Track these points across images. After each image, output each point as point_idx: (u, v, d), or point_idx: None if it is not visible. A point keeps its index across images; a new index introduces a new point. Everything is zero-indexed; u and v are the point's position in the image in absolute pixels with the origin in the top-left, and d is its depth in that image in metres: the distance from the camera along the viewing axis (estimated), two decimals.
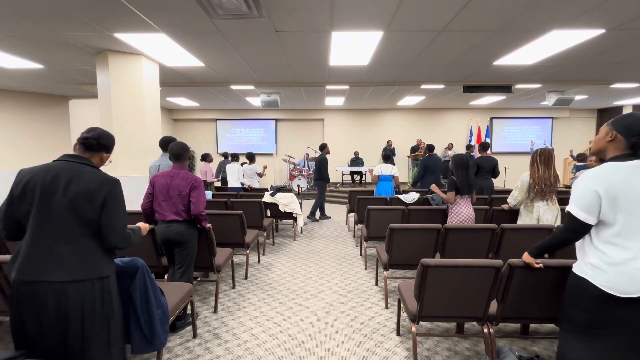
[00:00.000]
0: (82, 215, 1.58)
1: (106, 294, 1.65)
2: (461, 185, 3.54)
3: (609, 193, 1.54)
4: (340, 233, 6.21)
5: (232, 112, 12.15)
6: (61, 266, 1.53)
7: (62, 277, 1.53)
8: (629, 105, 10.82)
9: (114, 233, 1.63)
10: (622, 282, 1.52)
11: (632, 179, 1.54)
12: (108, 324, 1.67)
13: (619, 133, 1.62)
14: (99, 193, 1.60)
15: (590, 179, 1.59)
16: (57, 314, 1.54)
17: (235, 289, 3.69)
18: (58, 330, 1.55)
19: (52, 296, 1.52)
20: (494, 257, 3.25)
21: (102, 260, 1.65)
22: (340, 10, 3.40)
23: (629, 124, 1.61)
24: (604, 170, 1.59)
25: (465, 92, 7.17)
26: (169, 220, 2.78)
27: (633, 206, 1.52)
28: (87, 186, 1.58)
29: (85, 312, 1.58)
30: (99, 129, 1.76)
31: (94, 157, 1.73)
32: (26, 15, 3.45)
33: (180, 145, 2.90)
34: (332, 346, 2.61)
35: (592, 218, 1.58)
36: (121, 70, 4.69)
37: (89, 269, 1.59)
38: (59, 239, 1.55)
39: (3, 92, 7.49)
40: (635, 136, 1.58)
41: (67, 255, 1.55)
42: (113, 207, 1.63)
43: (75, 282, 1.55)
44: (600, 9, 3.35)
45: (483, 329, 2.30)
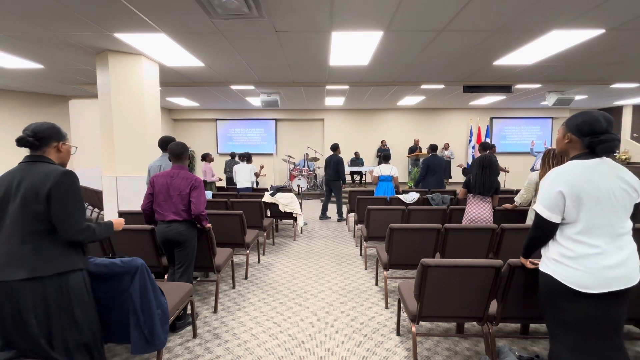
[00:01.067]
0: (33, 212, 1.58)
1: (63, 294, 1.61)
2: (473, 185, 3.56)
3: (572, 192, 1.55)
4: (340, 233, 6.21)
5: (232, 112, 12.15)
6: (19, 265, 1.55)
7: (19, 275, 1.54)
8: (629, 105, 10.82)
9: (65, 225, 1.60)
10: (583, 276, 1.54)
11: (592, 177, 1.55)
12: (66, 324, 1.62)
13: (572, 134, 1.65)
14: (44, 186, 1.59)
15: (554, 178, 1.62)
16: (13, 313, 1.56)
17: (235, 289, 3.69)
18: (19, 331, 1.57)
19: (8, 295, 1.55)
20: (494, 257, 3.25)
21: (61, 255, 1.62)
22: (340, 10, 3.40)
23: (579, 125, 1.63)
24: (564, 169, 1.62)
25: (465, 92, 7.17)
26: (169, 220, 2.78)
27: (595, 204, 1.53)
28: (32, 182, 1.59)
29: (37, 311, 1.57)
30: (32, 124, 1.72)
31: (47, 152, 1.71)
32: (26, 15, 3.45)
33: (180, 145, 2.90)
34: (332, 346, 2.61)
35: (555, 216, 1.61)
36: (121, 70, 4.69)
37: (49, 264, 1.58)
38: (15, 239, 1.57)
39: (3, 92, 7.48)
40: (587, 136, 1.60)
41: (24, 253, 1.56)
42: (60, 199, 1.60)
43: (30, 280, 1.55)
44: (600, 9, 3.35)
45: (483, 329, 2.30)
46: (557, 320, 1.66)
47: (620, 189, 1.55)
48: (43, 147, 1.70)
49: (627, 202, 1.57)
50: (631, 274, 1.55)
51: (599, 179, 1.55)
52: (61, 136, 1.76)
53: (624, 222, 1.57)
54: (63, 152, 1.76)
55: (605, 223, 1.54)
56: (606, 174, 1.56)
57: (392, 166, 5.86)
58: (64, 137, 1.77)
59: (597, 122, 1.58)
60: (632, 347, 2.58)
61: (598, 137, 1.57)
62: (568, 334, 1.62)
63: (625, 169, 1.62)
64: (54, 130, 1.74)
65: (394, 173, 5.79)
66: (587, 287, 1.53)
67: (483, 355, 2.35)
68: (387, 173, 5.78)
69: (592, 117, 1.60)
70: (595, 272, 1.52)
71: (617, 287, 1.52)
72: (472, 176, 3.59)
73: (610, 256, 1.53)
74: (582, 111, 1.68)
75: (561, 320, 1.64)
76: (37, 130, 1.69)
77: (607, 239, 1.54)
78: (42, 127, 1.70)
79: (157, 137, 5.17)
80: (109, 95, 4.69)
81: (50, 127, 1.73)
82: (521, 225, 3.33)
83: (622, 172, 1.59)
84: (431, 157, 6.13)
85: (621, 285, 1.53)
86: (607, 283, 1.52)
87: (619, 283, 1.53)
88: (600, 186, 1.54)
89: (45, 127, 1.71)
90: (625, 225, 1.57)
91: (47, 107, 8.12)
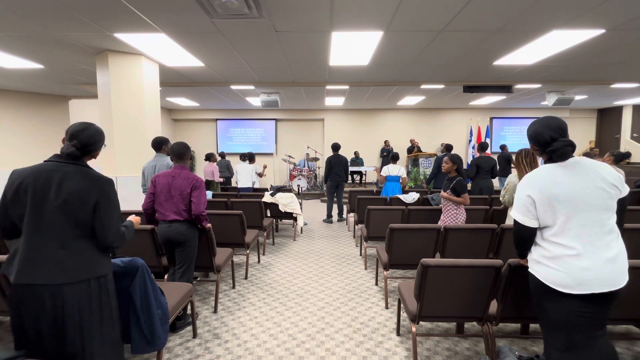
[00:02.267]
0: (75, 217, 1.56)
1: (104, 294, 1.65)
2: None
3: (542, 196, 1.57)
4: (340, 233, 6.21)
5: (232, 112, 12.15)
6: (58, 269, 1.54)
7: (60, 279, 1.53)
8: (629, 105, 10.82)
9: (108, 233, 1.62)
10: (561, 276, 1.54)
11: (561, 180, 1.55)
12: (106, 324, 1.67)
13: (532, 144, 1.69)
14: (91, 194, 1.57)
15: (525, 184, 1.64)
16: (55, 315, 1.54)
17: (235, 289, 3.69)
18: (57, 331, 1.56)
19: (49, 298, 1.53)
20: (494, 257, 3.25)
21: (99, 260, 1.65)
22: (340, 10, 3.40)
23: (530, 137, 1.68)
24: (534, 175, 1.63)
25: (465, 92, 7.17)
26: (170, 220, 2.78)
27: (567, 206, 1.54)
28: (79, 187, 1.56)
29: (82, 313, 1.58)
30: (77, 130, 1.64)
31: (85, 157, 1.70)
32: (26, 15, 3.45)
33: (182, 145, 2.90)
34: (332, 346, 2.61)
35: (530, 220, 1.62)
36: (121, 70, 4.69)
37: (86, 270, 1.59)
38: (54, 242, 1.55)
39: (3, 92, 7.48)
40: (538, 148, 1.65)
41: (64, 258, 1.55)
42: (106, 208, 1.62)
43: (72, 284, 1.55)
44: (600, 9, 3.35)
45: (483, 329, 2.30)
46: (545, 321, 1.67)
47: (595, 188, 1.52)
48: (84, 156, 1.68)
49: (605, 200, 1.53)
50: (613, 278, 1.50)
51: (568, 181, 1.54)
52: (101, 145, 1.74)
53: (605, 221, 1.54)
54: (96, 157, 1.77)
55: (581, 224, 1.52)
56: (577, 175, 1.54)
57: (399, 166, 5.83)
58: (101, 146, 1.75)
59: (540, 136, 1.62)
60: (633, 348, 2.58)
61: (548, 148, 1.59)
62: (556, 335, 1.62)
63: (604, 166, 1.58)
64: (100, 144, 1.72)
65: (402, 173, 5.77)
66: (566, 287, 1.52)
67: (483, 355, 2.35)
68: (395, 173, 5.76)
69: (535, 131, 1.64)
70: (572, 273, 1.51)
71: (597, 290, 1.49)
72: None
73: (586, 258, 1.50)
74: (532, 121, 1.71)
75: (548, 320, 1.65)
76: (88, 144, 1.65)
77: (586, 239, 1.51)
78: (91, 140, 1.66)
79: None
80: (109, 95, 4.69)
81: (98, 141, 1.69)
82: None
83: (598, 170, 1.56)
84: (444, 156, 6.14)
85: (602, 288, 1.49)
86: (585, 285, 1.49)
87: (599, 285, 1.49)
88: (571, 188, 1.53)
89: (94, 140, 1.67)
90: (607, 224, 1.54)
91: (47, 107, 8.12)
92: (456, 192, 3.57)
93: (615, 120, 11.36)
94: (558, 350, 1.61)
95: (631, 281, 1.77)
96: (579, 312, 1.54)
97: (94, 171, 1.66)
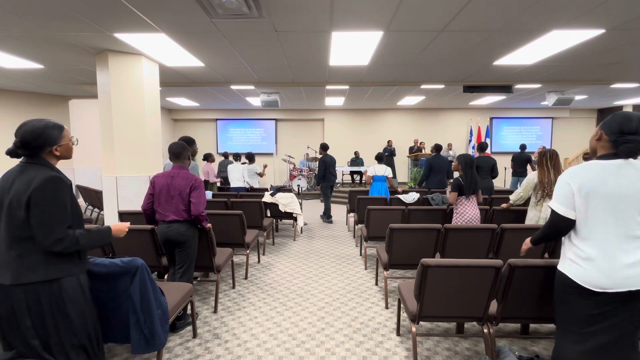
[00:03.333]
0: (16, 218, 1.55)
1: (56, 299, 1.58)
2: (467, 186, 3.53)
3: (582, 189, 1.55)
4: (340, 233, 6.21)
5: (232, 112, 12.15)
6: (6, 270, 1.54)
7: (6, 280, 1.53)
8: (629, 105, 10.81)
9: (41, 234, 1.52)
10: (597, 277, 1.54)
11: (608, 177, 1.54)
12: (63, 329, 1.61)
13: (604, 132, 1.63)
14: (25, 193, 1.53)
15: (567, 175, 1.63)
16: (8, 314, 1.56)
17: (235, 289, 3.69)
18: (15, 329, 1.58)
19: (3, 299, 1.56)
20: (494, 257, 3.25)
21: (49, 263, 1.57)
22: (340, 10, 3.40)
23: (610, 122, 1.61)
24: (579, 167, 1.62)
25: (465, 92, 7.17)
26: (170, 221, 2.78)
27: (607, 204, 1.53)
28: (18, 186, 1.55)
29: (32, 316, 1.56)
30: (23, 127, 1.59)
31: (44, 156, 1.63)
32: (26, 15, 3.44)
33: (179, 144, 2.90)
34: (332, 346, 2.61)
35: (570, 212, 1.60)
36: (121, 70, 4.69)
37: (31, 272, 1.54)
38: (6, 243, 1.56)
39: (3, 92, 7.49)
40: (615, 134, 1.58)
41: (10, 259, 1.55)
42: (37, 206, 1.53)
43: (19, 286, 1.54)
44: (600, 9, 3.35)
45: (483, 329, 2.30)
46: (568, 316, 1.66)
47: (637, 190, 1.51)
48: (37, 154, 1.61)
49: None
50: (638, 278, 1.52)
51: (615, 180, 1.52)
52: (53, 140, 1.62)
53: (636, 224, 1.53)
54: (60, 153, 1.67)
55: (617, 223, 1.52)
56: (627, 176, 1.52)
57: (386, 167, 5.90)
58: (56, 140, 1.63)
59: (627, 122, 1.54)
60: None
61: (623, 137, 1.54)
62: (576, 330, 1.62)
63: None
64: (44, 138, 1.60)
65: (388, 173, 5.83)
66: (602, 287, 1.53)
67: (483, 355, 2.35)
68: (382, 173, 5.81)
69: (624, 116, 1.57)
70: (608, 272, 1.52)
71: (636, 287, 1.50)
72: (461, 178, 3.55)
73: (623, 255, 1.51)
74: (620, 111, 1.66)
75: (571, 316, 1.64)
76: (26, 141, 1.58)
77: (622, 239, 1.52)
78: (32, 136, 1.58)
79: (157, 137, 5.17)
80: (109, 95, 4.69)
81: (38, 136, 1.59)
82: (521, 225, 3.33)
83: None
84: (435, 157, 6.14)
85: (633, 286, 1.51)
86: (622, 283, 1.51)
87: (631, 283, 1.51)
88: (615, 187, 1.51)
89: (35, 135, 1.58)
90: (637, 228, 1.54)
91: (47, 107, 8.12)
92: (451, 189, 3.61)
93: None
94: (573, 342, 1.62)
95: None
96: (610, 310, 1.55)
97: (44, 169, 1.59)
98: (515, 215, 4.00)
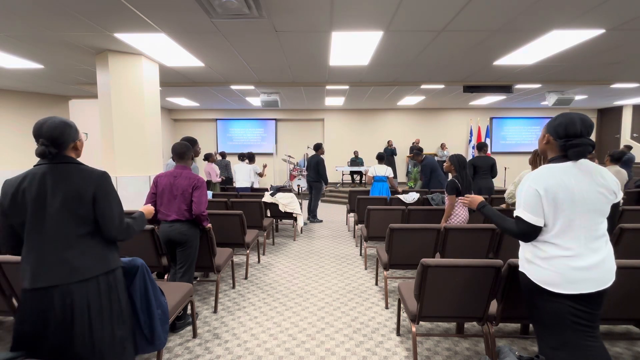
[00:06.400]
0: (76, 215, 1.56)
1: (113, 290, 1.65)
2: (463, 186, 3.50)
3: (548, 194, 1.55)
4: (340, 233, 6.22)
5: (232, 112, 12.15)
6: (67, 269, 1.54)
7: (69, 279, 1.53)
8: (629, 105, 10.82)
9: (111, 226, 1.62)
10: (553, 277, 1.55)
11: (566, 181, 1.55)
12: (116, 320, 1.67)
13: (550, 136, 1.65)
14: (87, 189, 1.57)
15: (531, 181, 1.61)
16: (64, 316, 1.54)
17: (235, 289, 3.69)
18: (65, 332, 1.55)
19: (59, 299, 1.53)
20: (494, 257, 3.25)
21: (106, 255, 1.65)
22: (340, 10, 3.40)
23: (556, 127, 1.62)
24: (540, 173, 1.61)
25: (465, 92, 7.17)
26: (172, 220, 2.79)
27: (570, 207, 1.54)
28: (74, 185, 1.56)
29: (91, 311, 1.58)
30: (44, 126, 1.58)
31: (68, 152, 1.64)
32: (26, 15, 3.45)
33: (183, 144, 2.90)
34: (332, 346, 2.61)
35: (539, 220, 1.58)
36: (121, 70, 4.69)
37: (93, 266, 1.59)
38: (60, 243, 1.54)
39: (3, 92, 7.48)
40: (561, 138, 1.59)
41: (71, 257, 1.55)
42: (104, 201, 1.60)
43: (82, 282, 1.55)
44: (600, 9, 3.35)
45: (483, 329, 2.30)
46: (537, 319, 1.68)
47: (595, 192, 1.54)
48: (63, 151, 1.63)
49: (603, 204, 1.56)
50: (603, 277, 1.55)
51: (573, 182, 1.54)
52: (74, 135, 1.66)
53: (599, 224, 1.57)
54: (79, 148, 1.71)
55: (579, 226, 1.54)
56: (581, 177, 1.55)
57: (386, 167, 5.90)
58: (76, 135, 1.68)
59: (572, 125, 1.57)
60: (633, 348, 2.58)
61: (570, 141, 1.56)
62: (548, 333, 1.64)
63: (604, 171, 1.60)
64: (71, 132, 1.63)
65: (389, 173, 5.83)
66: (558, 287, 1.54)
67: (483, 355, 2.35)
68: (382, 173, 5.81)
69: (569, 119, 1.59)
70: (565, 273, 1.53)
71: (588, 290, 1.52)
72: (457, 179, 3.49)
73: (582, 258, 1.53)
74: (562, 112, 1.67)
75: (539, 318, 1.66)
76: (54, 137, 1.58)
77: (582, 242, 1.54)
78: (57, 132, 1.58)
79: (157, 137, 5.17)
80: (109, 95, 4.69)
81: (65, 131, 1.61)
82: None
83: (600, 174, 1.57)
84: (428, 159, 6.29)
85: (592, 288, 1.53)
86: (577, 285, 1.52)
87: (590, 286, 1.53)
88: (574, 190, 1.53)
89: (60, 131, 1.59)
90: (600, 228, 1.57)
91: (47, 107, 8.12)
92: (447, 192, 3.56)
93: (615, 120, 11.36)
94: (551, 348, 1.63)
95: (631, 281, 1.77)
96: (570, 312, 1.56)
97: (86, 166, 1.65)
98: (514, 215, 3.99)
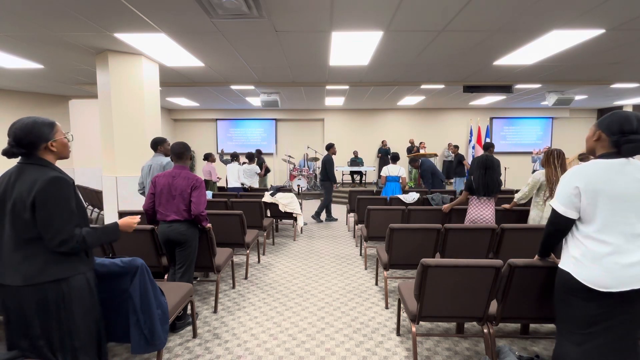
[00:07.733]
0: (21, 219, 1.53)
1: (63, 299, 1.58)
2: (477, 186, 3.50)
3: (588, 188, 1.56)
4: (340, 233, 6.21)
5: (232, 112, 12.14)
6: (14, 272, 1.54)
7: (16, 282, 1.53)
8: (629, 105, 10.81)
9: (47, 236, 1.52)
10: (602, 277, 1.54)
11: (613, 177, 1.55)
12: (67, 328, 1.60)
13: (602, 132, 1.64)
14: (29, 194, 1.51)
15: (573, 175, 1.63)
16: (18, 316, 1.57)
17: (235, 289, 3.69)
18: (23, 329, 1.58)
19: (11, 299, 1.56)
20: (494, 257, 3.25)
21: (56, 262, 1.57)
22: (340, 10, 3.40)
23: (609, 123, 1.62)
24: (584, 167, 1.62)
25: (465, 92, 7.17)
26: (171, 220, 2.78)
27: (612, 202, 1.54)
28: (21, 188, 1.54)
29: (40, 316, 1.57)
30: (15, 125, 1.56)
31: (40, 153, 1.60)
32: (26, 15, 3.45)
33: (182, 144, 2.90)
34: (332, 346, 2.61)
35: (571, 212, 1.61)
36: (121, 70, 4.69)
37: (39, 273, 1.54)
38: (10, 245, 1.55)
39: (3, 92, 7.49)
40: (616, 134, 1.58)
41: (17, 260, 1.54)
42: (43, 209, 1.51)
43: (28, 287, 1.53)
44: (600, 9, 3.35)
45: (483, 329, 2.30)
46: (569, 316, 1.66)
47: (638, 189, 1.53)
48: (33, 152, 1.59)
49: None
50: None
51: (619, 179, 1.53)
52: (46, 136, 1.59)
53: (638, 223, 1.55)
54: (56, 149, 1.63)
55: (623, 222, 1.53)
56: (630, 175, 1.54)
57: (399, 167, 5.85)
58: (50, 136, 1.60)
59: (628, 122, 1.56)
60: None
61: (626, 137, 1.55)
62: (577, 330, 1.62)
63: None
64: (35, 134, 1.56)
65: (402, 173, 5.80)
66: (606, 287, 1.53)
67: (483, 355, 2.35)
68: (395, 173, 5.77)
69: (624, 116, 1.58)
70: (614, 272, 1.52)
71: (633, 286, 1.51)
72: (474, 178, 3.53)
73: (628, 254, 1.52)
74: (615, 111, 1.66)
75: (573, 316, 1.64)
76: (18, 138, 1.55)
77: (625, 238, 1.53)
78: (23, 133, 1.55)
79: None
80: (109, 95, 4.69)
81: (29, 132, 1.55)
82: (522, 225, 3.33)
83: None
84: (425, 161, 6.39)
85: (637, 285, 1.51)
86: (626, 281, 1.51)
87: (636, 282, 1.51)
88: (620, 186, 1.53)
89: (26, 131, 1.55)
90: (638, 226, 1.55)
91: (47, 107, 8.12)
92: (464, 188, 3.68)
93: None
94: (575, 344, 1.62)
95: None
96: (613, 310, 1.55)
97: (45, 169, 1.57)
98: (517, 215, 3.99)
